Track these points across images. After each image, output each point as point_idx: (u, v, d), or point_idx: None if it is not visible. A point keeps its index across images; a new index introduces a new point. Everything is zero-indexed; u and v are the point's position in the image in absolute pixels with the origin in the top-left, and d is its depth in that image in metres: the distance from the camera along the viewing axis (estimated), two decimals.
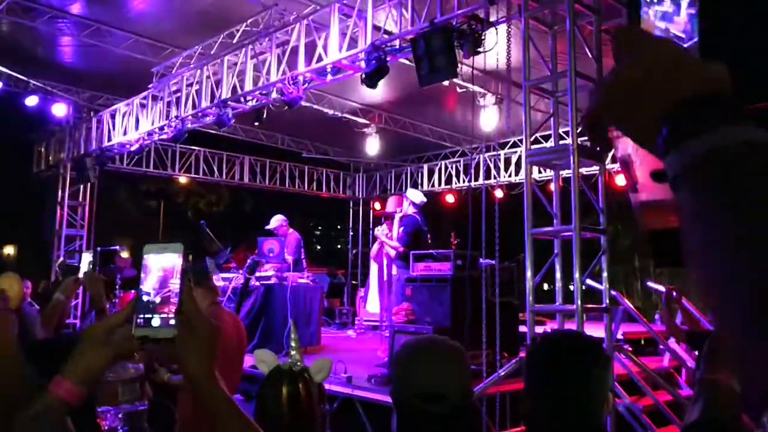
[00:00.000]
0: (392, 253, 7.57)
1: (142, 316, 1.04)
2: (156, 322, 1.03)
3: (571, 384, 1.63)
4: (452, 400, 1.66)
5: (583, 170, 5.19)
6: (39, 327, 2.56)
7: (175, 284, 1.05)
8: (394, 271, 7.66)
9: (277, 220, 8.89)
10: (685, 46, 0.66)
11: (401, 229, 7.56)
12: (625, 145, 0.66)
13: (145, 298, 1.05)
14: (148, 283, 1.05)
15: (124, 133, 10.50)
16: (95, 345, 1.04)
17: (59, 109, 11.41)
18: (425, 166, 14.55)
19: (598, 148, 4.26)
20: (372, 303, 8.21)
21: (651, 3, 0.65)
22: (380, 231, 7.90)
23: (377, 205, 15.84)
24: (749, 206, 0.48)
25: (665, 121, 0.56)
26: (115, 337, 1.05)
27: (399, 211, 7.90)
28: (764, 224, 0.46)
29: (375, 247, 8.01)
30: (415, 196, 7.91)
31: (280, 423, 1.80)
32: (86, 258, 3.19)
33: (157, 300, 1.04)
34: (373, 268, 8.09)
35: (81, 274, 2.96)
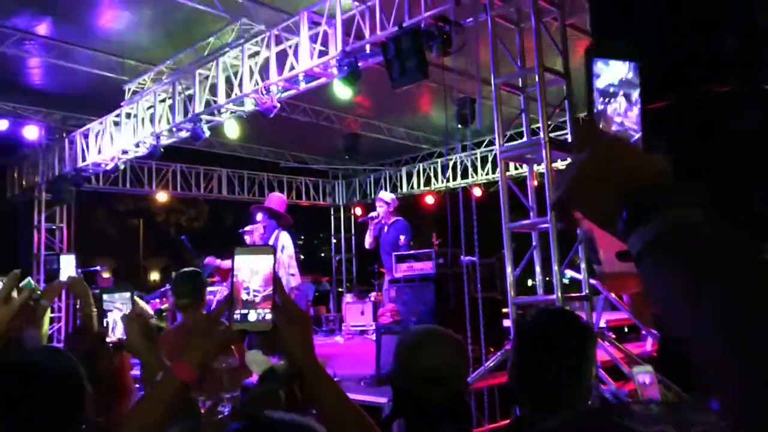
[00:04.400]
0: None
1: (239, 312, 1.14)
2: (253, 317, 1.14)
3: (558, 357, 1.68)
4: (453, 387, 1.70)
5: (556, 164, 5.29)
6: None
7: (269, 282, 1.15)
8: None
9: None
10: (637, 136, 0.79)
11: (402, 237, 7.33)
12: (589, 225, 0.76)
13: (244, 296, 1.14)
14: (245, 283, 1.15)
15: (99, 152, 10.43)
16: (206, 336, 1.18)
17: (31, 132, 11.29)
18: (403, 169, 14.63)
19: (566, 229, 4.61)
20: None
21: (608, 102, 0.73)
22: (256, 232, 7.43)
23: (358, 211, 15.90)
24: (691, 274, 0.59)
25: (623, 209, 0.67)
26: (218, 331, 1.18)
27: (377, 215, 7.71)
28: (701, 286, 0.58)
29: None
30: (389, 196, 7.91)
31: None
32: (68, 261, 3.13)
33: (254, 297, 1.14)
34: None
35: (63, 278, 2.91)
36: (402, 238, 7.28)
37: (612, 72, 0.84)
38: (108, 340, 2.12)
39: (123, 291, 2.12)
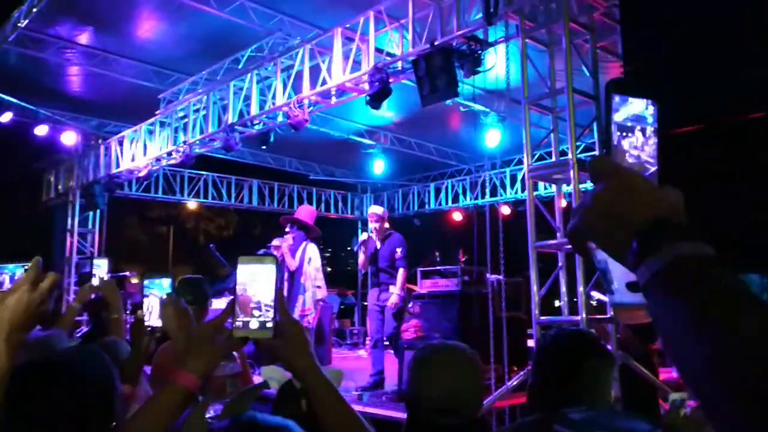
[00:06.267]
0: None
1: (240, 319, 1.17)
2: (254, 324, 1.17)
3: (575, 378, 1.68)
4: (465, 412, 1.70)
5: (584, 185, 5.27)
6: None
7: (270, 292, 1.17)
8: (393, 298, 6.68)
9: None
10: (653, 169, 0.83)
11: (399, 250, 6.83)
12: (602, 255, 0.78)
13: (246, 303, 1.17)
14: (247, 291, 1.18)
15: (132, 160, 10.65)
16: (209, 344, 1.20)
17: (68, 138, 11.57)
18: (432, 185, 14.64)
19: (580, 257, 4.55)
20: None
21: (625, 136, 0.77)
22: (285, 243, 7.24)
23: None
24: (692, 305, 0.61)
25: (634, 240, 0.68)
26: (220, 338, 1.19)
27: (373, 230, 7.09)
28: (704, 318, 0.60)
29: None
30: (380, 209, 7.36)
31: None
32: (101, 265, 3.26)
33: (257, 305, 1.17)
34: None
35: (95, 281, 3.01)
36: (399, 251, 6.85)
37: (630, 107, 0.87)
38: (146, 323, 2.22)
39: (163, 277, 2.23)
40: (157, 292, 2.20)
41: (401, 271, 6.68)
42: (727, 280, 0.62)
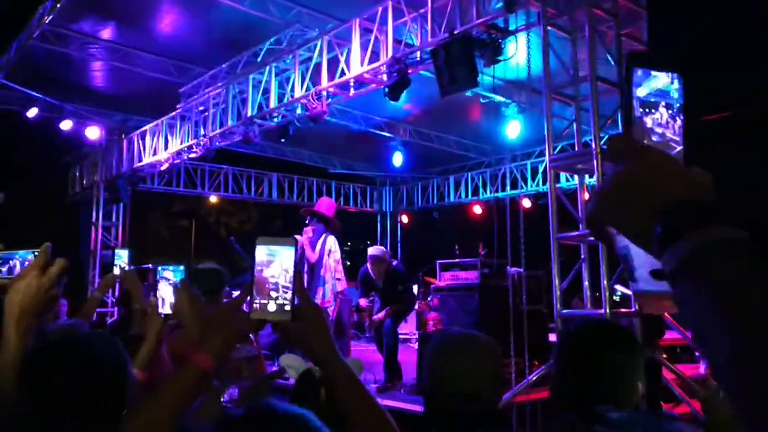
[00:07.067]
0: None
1: (258, 301, 1.14)
2: (272, 307, 1.14)
3: (601, 370, 1.61)
4: (483, 399, 1.66)
5: None
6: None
7: (288, 275, 1.14)
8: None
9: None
10: (679, 148, 0.76)
11: (401, 288, 6.83)
12: (624, 240, 0.72)
13: (265, 285, 1.15)
14: (265, 273, 1.15)
15: (154, 153, 10.72)
16: (224, 325, 1.18)
17: (92, 132, 11.66)
18: (451, 178, 14.55)
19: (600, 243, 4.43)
20: None
21: (648, 113, 0.71)
22: (305, 236, 7.12)
23: (404, 218, 15.90)
24: (725, 293, 0.56)
25: (658, 224, 0.63)
26: (237, 320, 1.18)
27: (378, 262, 7.06)
28: (736, 306, 0.55)
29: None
30: (379, 249, 7.38)
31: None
32: (122, 255, 3.29)
33: (275, 287, 1.14)
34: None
35: (117, 271, 3.03)
36: (400, 288, 6.84)
37: (653, 81, 0.80)
38: (159, 311, 2.22)
39: (177, 264, 2.21)
40: (170, 274, 2.18)
41: (398, 303, 6.75)
42: (761, 269, 0.57)
